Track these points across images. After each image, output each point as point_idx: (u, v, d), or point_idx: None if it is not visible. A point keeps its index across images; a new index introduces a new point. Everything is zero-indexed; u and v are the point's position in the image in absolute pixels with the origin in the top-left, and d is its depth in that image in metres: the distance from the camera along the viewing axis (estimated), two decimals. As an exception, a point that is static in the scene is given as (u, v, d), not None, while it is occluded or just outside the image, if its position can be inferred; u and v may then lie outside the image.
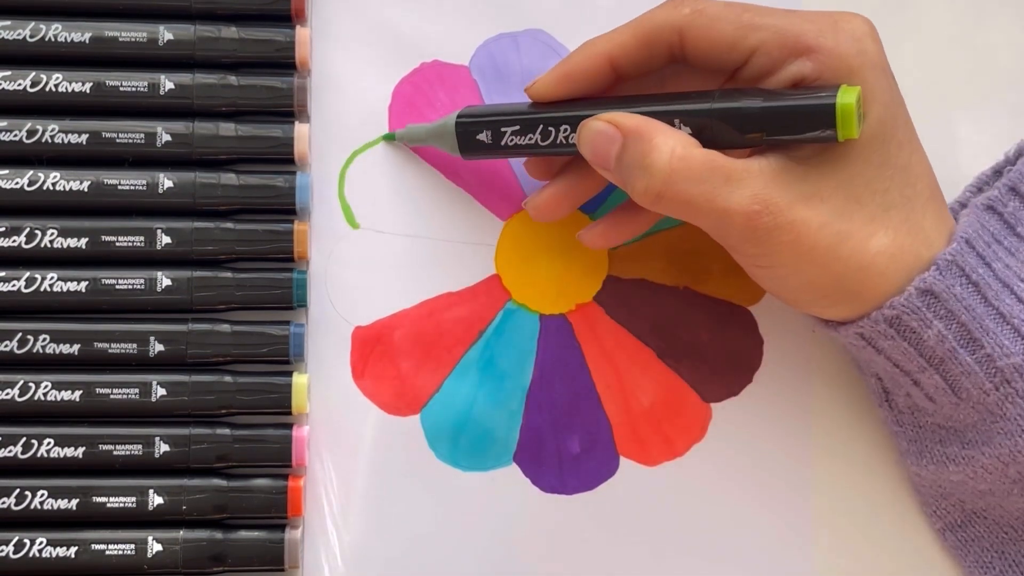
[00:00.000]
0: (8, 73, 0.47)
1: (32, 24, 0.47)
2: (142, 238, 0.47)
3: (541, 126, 0.44)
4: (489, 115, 0.46)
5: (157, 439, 0.46)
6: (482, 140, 0.45)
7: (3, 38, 0.47)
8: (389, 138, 0.49)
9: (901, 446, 0.47)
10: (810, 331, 0.49)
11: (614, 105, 0.43)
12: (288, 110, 0.48)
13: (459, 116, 0.46)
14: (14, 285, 0.46)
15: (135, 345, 0.47)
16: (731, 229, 0.41)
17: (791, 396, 0.49)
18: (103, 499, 0.46)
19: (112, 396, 0.46)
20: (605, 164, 0.42)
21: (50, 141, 0.47)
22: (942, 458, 0.44)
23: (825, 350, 0.49)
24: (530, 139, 0.44)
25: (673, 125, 0.41)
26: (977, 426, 0.43)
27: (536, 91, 0.45)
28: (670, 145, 0.40)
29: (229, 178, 0.48)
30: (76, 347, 0.46)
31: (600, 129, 0.42)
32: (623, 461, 0.48)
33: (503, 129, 0.45)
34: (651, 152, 0.40)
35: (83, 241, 0.47)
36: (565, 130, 0.44)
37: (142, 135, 0.47)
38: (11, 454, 0.46)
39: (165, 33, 0.48)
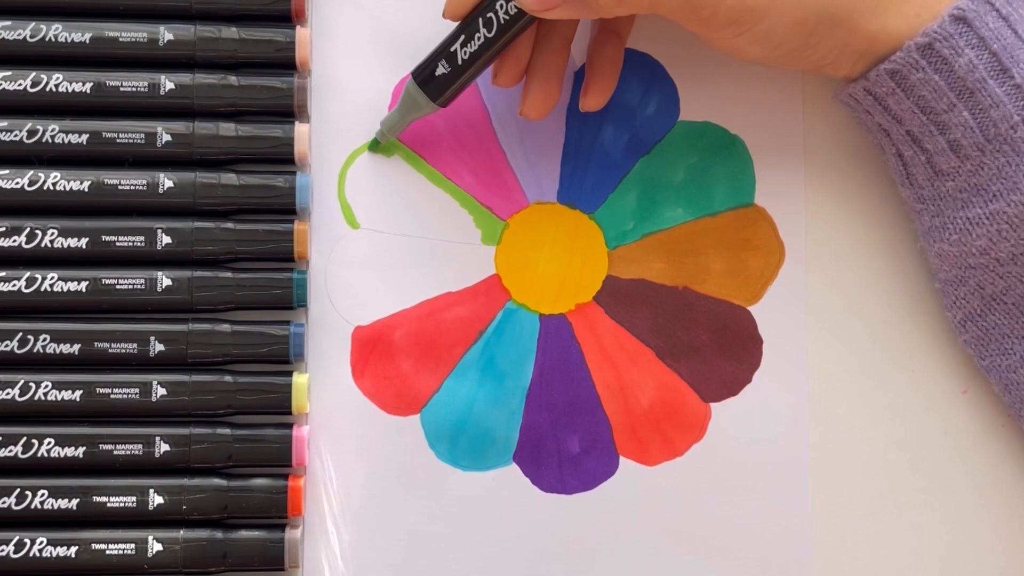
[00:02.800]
0: (8, 73, 0.47)
1: (32, 24, 0.47)
2: (142, 238, 0.47)
3: (480, 20, 0.45)
4: (436, 49, 0.46)
5: (157, 439, 0.46)
6: (442, 73, 0.46)
7: (3, 38, 0.47)
8: (374, 145, 0.49)
9: (925, 225, 0.47)
10: (809, 332, 0.49)
11: None
12: (288, 110, 0.48)
13: (413, 72, 0.47)
14: (14, 285, 0.46)
15: (135, 345, 0.47)
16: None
17: (790, 396, 0.49)
18: (103, 499, 0.46)
19: (112, 396, 0.46)
20: (553, 0, 0.43)
21: (50, 141, 0.47)
22: (965, 224, 0.45)
23: (825, 349, 0.49)
24: (479, 39, 0.45)
25: None
26: (1003, 172, 0.44)
27: (452, 10, 0.45)
28: None
29: (229, 178, 0.48)
30: (76, 347, 0.46)
31: None
32: (623, 461, 0.48)
33: (452, 48, 0.45)
34: None
35: (83, 241, 0.47)
36: (501, 6, 0.44)
37: (142, 135, 0.47)
38: (11, 454, 0.46)
39: (165, 33, 0.48)
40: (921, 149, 0.45)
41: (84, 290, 0.47)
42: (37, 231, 0.47)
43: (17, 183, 0.47)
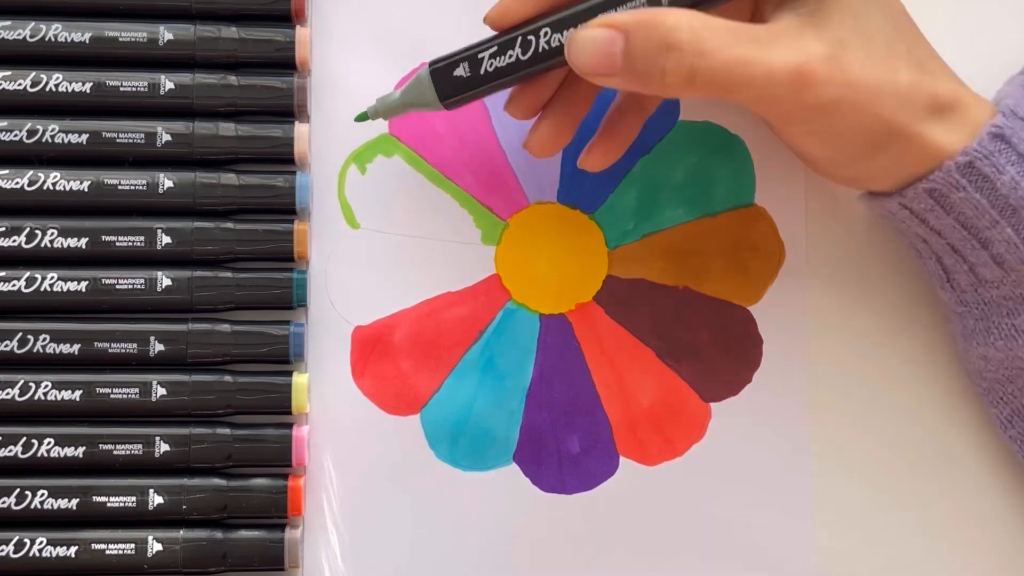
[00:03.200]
0: (8, 73, 0.47)
1: (32, 24, 0.47)
2: (142, 238, 0.47)
3: (520, 38, 0.42)
4: (463, 49, 0.43)
5: (157, 439, 0.46)
6: (460, 75, 0.43)
7: (3, 38, 0.47)
8: (362, 117, 0.46)
9: (967, 327, 0.46)
10: (809, 332, 0.49)
11: (584, 8, 0.41)
12: (288, 110, 0.48)
13: (431, 63, 0.44)
14: (14, 285, 0.46)
15: (135, 345, 0.47)
16: (779, 91, 0.39)
17: (791, 396, 0.49)
18: (103, 499, 0.46)
19: (112, 396, 0.46)
20: (609, 68, 0.40)
21: (50, 141, 0.47)
22: (1011, 331, 0.44)
23: (825, 349, 0.49)
24: (510, 57, 0.42)
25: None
26: None
27: (496, 19, 0.42)
28: (686, 19, 0.39)
29: (229, 178, 0.48)
30: (76, 347, 0.46)
31: (595, 35, 0.40)
32: (623, 461, 0.48)
33: (480, 55, 0.42)
34: (670, 33, 0.39)
35: (83, 241, 0.47)
36: (546, 34, 0.41)
37: (142, 135, 0.47)
38: (11, 454, 0.46)
39: (165, 33, 0.48)
40: (963, 259, 0.44)
41: (84, 290, 0.47)
42: (37, 231, 0.47)
43: (17, 183, 0.47)
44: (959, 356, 0.48)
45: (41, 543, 0.45)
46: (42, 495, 0.46)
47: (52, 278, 0.47)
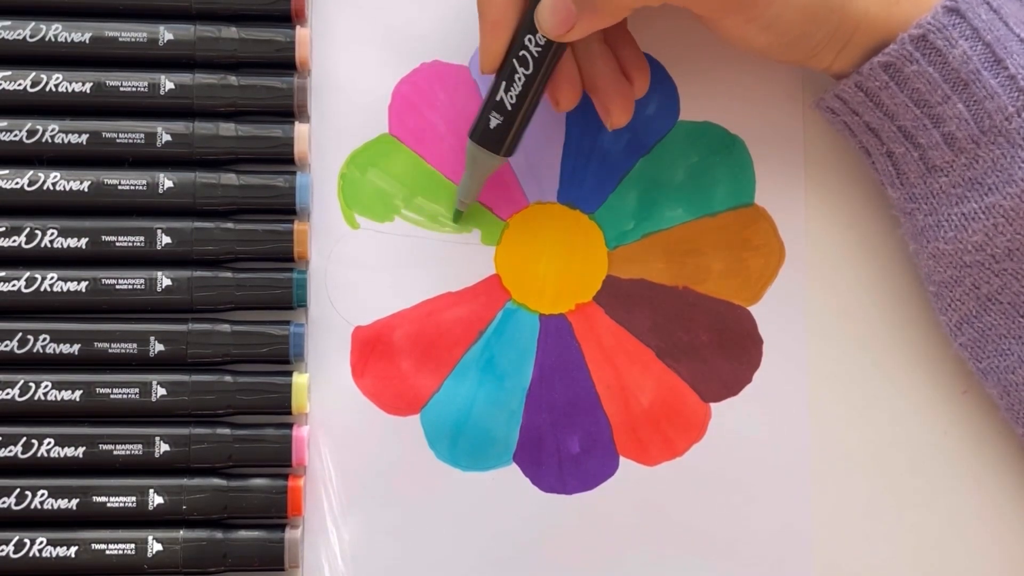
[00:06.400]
0: (8, 73, 0.47)
1: (32, 24, 0.47)
2: (142, 238, 0.47)
3: (515, 61, 0.45)
4: (483, 105, 0.46)
5: (157, 439, 0.46)
6: (497, 124, 0.46)
7: (3, 38, 0.47)
8: (457, 216, 0.49)
9: (918, 225, 0.46)
10: (809, 332, 0.49)
11: None
12: (288, 110, 0.48)
13: (470, 134, 0.47)
14: (14, 285, 0.46)
15: (135, 345, 0.47)
16: None
17: (790, 396, 0.49)
18: (103, 499, 0.46)
19: (112, 396, 0.46)
20: (569, 18, 0.43)
21: (50, 141, 0.47)
22: (961, 220, 0.45)
23: (825, 349, 0.49)
24: (521, 79, 0.45)
25: None
26: (998, 164, 0.44)
27: (486, 63, 0.46)
28: None
29: (229, 178, 0.48)
30: (76, 347, 0.46)
31: (547, 1, 0.43)
32: (623, 461, 0.48)
33: (498, 98, 0.45)
34: None
35: (83, 241, 0.47)
36: (530, 40, 0.45)
37: (142, 135, 0.47)
38: (11, 454, 0.46)
39: (165, 33, 0.48)
40: (914, 145, 0.45)
41: (84, 290, 0.47)
42: (37, 231, 0.47)
43: (17, 183, 0.47)
44: (911, 259, 0.48)
45: (41, 543, 0.45)
46: (42, 495, 0.46)
47: (52, 278, 0.47)
